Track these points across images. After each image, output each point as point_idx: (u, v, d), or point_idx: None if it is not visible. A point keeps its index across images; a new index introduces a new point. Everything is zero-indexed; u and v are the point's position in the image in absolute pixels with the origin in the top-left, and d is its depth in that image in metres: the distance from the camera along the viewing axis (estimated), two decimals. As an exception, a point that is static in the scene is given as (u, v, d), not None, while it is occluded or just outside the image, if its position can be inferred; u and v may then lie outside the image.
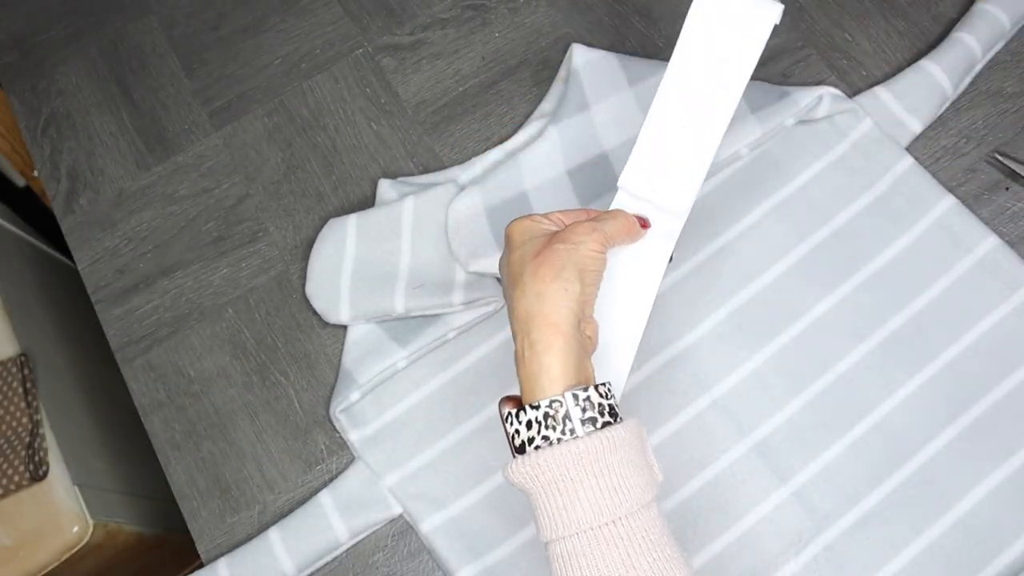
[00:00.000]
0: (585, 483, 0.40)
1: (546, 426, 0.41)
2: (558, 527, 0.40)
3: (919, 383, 0.56)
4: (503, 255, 0.48)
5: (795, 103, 0.61)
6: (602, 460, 0.40)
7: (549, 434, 0.41)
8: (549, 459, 0.40)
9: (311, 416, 0.61)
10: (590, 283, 0.44)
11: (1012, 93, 0.63)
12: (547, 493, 0.40)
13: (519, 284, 0.44)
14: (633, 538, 0.39)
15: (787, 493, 0.54)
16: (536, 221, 0.47)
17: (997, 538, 0.52)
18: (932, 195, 0.60)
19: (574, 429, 0.40)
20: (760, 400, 0.56)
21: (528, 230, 0.46)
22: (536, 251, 0.44)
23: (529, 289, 0.43)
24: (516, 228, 0.47)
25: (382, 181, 0.65)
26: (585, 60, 0.65)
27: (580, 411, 0.41)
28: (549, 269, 0.43)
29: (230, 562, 0.56)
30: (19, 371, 0.73)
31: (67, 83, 0.73)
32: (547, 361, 0.42)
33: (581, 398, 0.41)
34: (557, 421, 0.41)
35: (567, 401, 0.41)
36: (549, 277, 0.43)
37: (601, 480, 0.40)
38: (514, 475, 0.41)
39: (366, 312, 0.60)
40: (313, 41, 0.72)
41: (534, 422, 0.41)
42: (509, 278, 0.45)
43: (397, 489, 0.57)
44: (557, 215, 0.48)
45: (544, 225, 0.47)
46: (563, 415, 0.41)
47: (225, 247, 0.66)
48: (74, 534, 0.69)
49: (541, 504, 0.41)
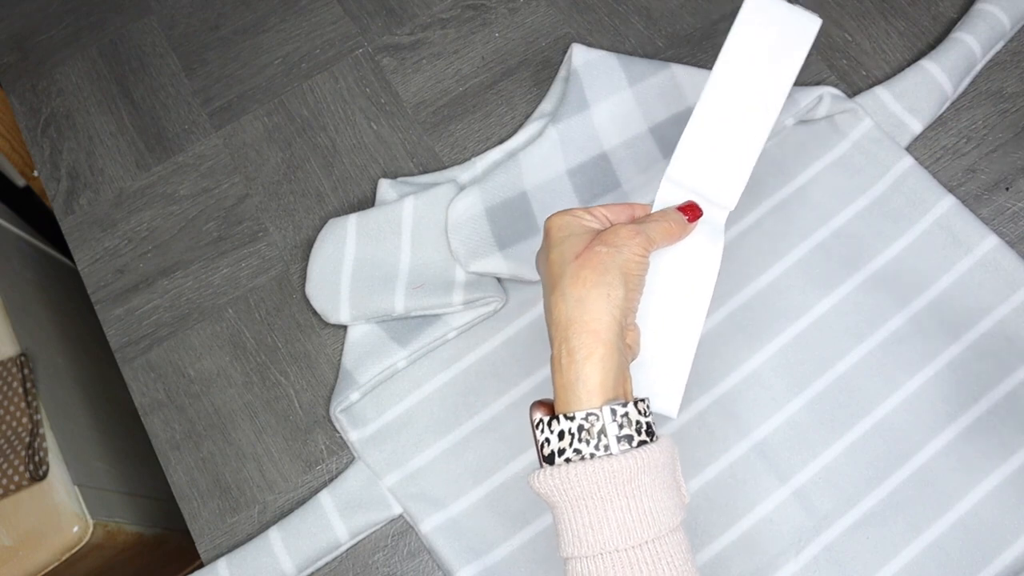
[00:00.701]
0: (615, 503, 0.38)
1: (579, 439, 0.39)
2: (581, 545, 0.39)
3: (919, 383, 0.56)
4: (540, 251, 0.46)
5: (795, 103, 0.61)
6: (635, 480, 0.39)
7: (582, 448, 0.39)
8: (580, 474, 0.38)
9: (311, 416, 0.61)
10: (633, 288, 0.42)
11: (1012, 93, 0.63)
12: (574, 509, 0.39)
13: (558, 287, 0.42)
14: (658, 563, 0.38)
15: (787, 493, 0.54)
16: (577, 216, 0.45)
17: (997, 538, 0.52)
18: (932, 195, 0.60)
19: (608, 445, 0.39)
20: (760, 400, 0.56)
21: (567, 226, 0.44)
22: (576, 251, 0.42)
23: (570, 293, 0.41)
24: (555, 223, 0.45)
25: (382, 181, 0.65)
26: (585, 60, 0.65)
27: (617, 427, 0.39)
28: (591, 273, 0.41)
29: (230, 562, 0.56)
30: (19, 371, 0.73)
31: (67, 83, 0.73)
32: (586, 371, 0.40)
33: (619, 414, 0.39)
34: (592, 435, 0.39)
35: (604, 416, 0.39)
36: (591, 282, 0.41)
37: (632, 501, 0.38)
38: (540, 485, 0.40)
39: (366, 312, 0.60)
40: (313, 41, 0.72)
41: (567, 433, 0.40)
42: (548, 278, 0.43)
43: (397, 489, 0.57)
44: (600, 210, 0.46)
45: (585, 221, 0.45)
46: (599, 430, 0.39)
47: (225, 247, 0.66)
48: (74, 534, 0.69)
49: (566, 519, 0.39)
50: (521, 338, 0.60)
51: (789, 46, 0.48)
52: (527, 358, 0.59)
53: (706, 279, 0.48)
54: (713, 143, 0.49)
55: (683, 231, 0.47)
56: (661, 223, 0.46)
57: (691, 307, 0.48)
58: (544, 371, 0.59)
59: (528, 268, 0.60)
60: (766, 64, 0.49)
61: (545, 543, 0.55)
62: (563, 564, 0.40)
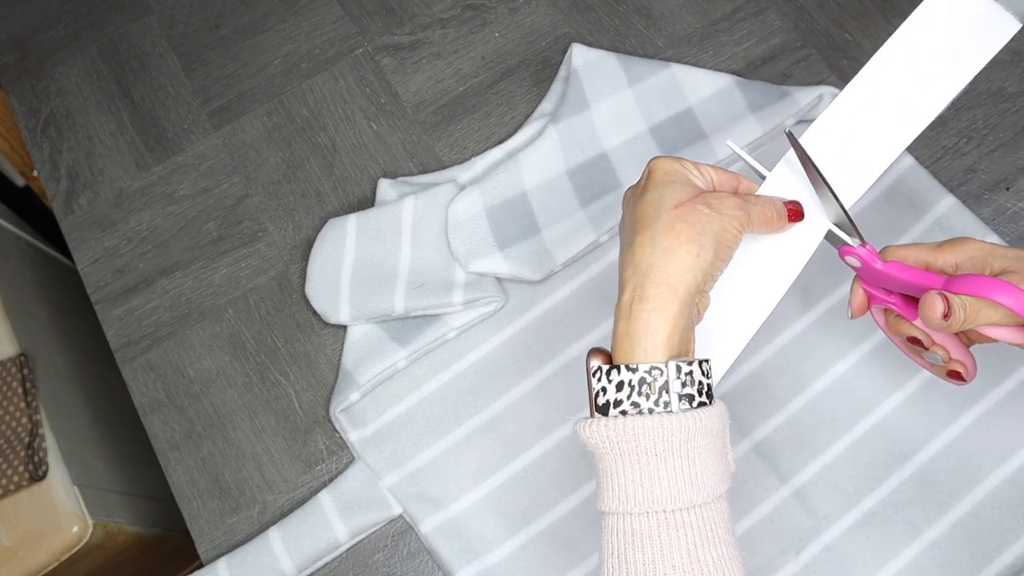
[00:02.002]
0: (669, 462, 0.37)
1: (639, 392, 0.38)
2: (628, 501, 0.37)
3: (919, 383, 0.56)
4: (634, 189, 0.44)
5: (795, 103, 0.61)
6: (691, 441, 0.37)
7: (641, 401, 0.38)
8: (638, 428, 0.37)
9: (311, 416, 0.61)
10: (721, 258, 0.41)
11: (1012, 93, 0.63)
12: (625, 463, 0.37)
13: (648, 229, 0.40)
14: (703, 528, 0.37)
15: (787, 493, 0.54)
16: (685, 167, 0.43)
17: (997, 538, 0.52)
18: (932, 195, 0.60)
19: (669, 402, 0.38)
20: (760, 400, 0.56)
21: (674, 172, 0.42)
22: (677, 201, 0.40)
23: (659, 240, 0.39)
24: (661, 166, 0.43)
25: (382, 181, 0.65)
26: (585, 60, 0.65)
27: (680, 385, 0.38)
28: (687, 228, 0.39)
29: (230, 562, 0.56)
30: (19, 371, 0.73)
31: (67, 83, 0.73)
32: (656, 323, 0.38)
33: (684, 371, 0.38)
34: (653, 390, 0.38)
35: (669, 371, 0.38)
36: (685, 236, 0.39)
37: (686, 462, 0.37)
38: (591, 435, 0.38)
39: (366, 312, 0.60)
40: (313, 41, 0.72)
41: (627, 385, 0.38)
42: (638, 218, 0.41)
43: (397, 489, 0.57)
44: (708, 169, 0.44)
45: (692, 175, 0.43)
46: (661, 385, 0.38)
47: (225, 247, 0.66)
48: (74, 534, 0.69)
49: (613, 472, 0.38)
50: (521, 338, 0.60)
51: (973, 44, 0.44)
52: (527, 358, 0.59)
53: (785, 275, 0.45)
54: (850, 134, 0.45)
55: (781, 225, 0.45)
56: (765, 209, 0.43)
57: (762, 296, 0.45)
58: (544, 370, 0.59)
59: (528, 268, 0.60)
60: (938, 59, 0.44)
61: (545, 543, 0.55)
62: (600, 518, 0.39)
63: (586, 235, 0.60)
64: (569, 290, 0.61)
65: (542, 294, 0.61)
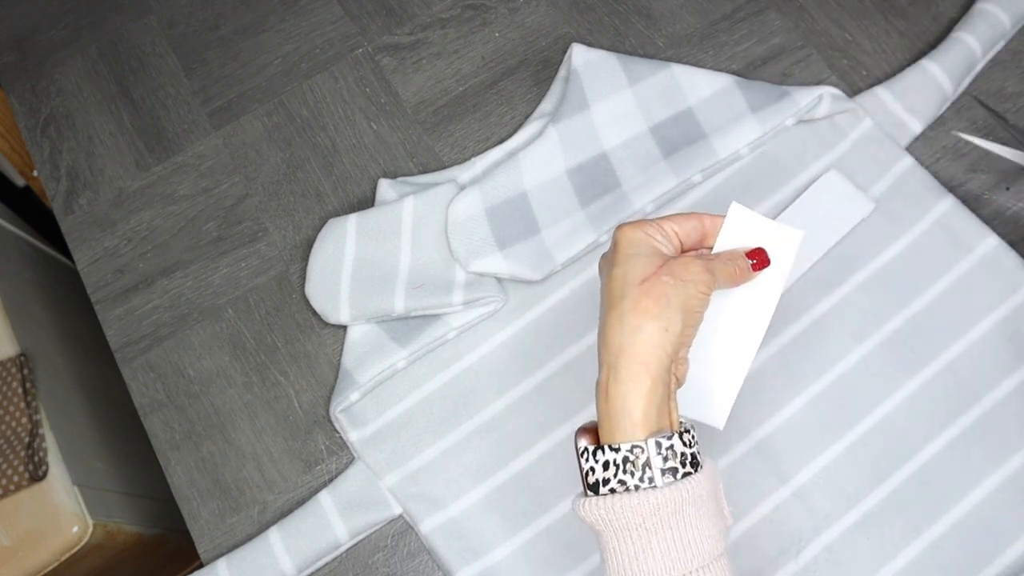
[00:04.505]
0: (660, 534, 0.39)
1: (624, 471, 0.39)
2: (626, 574, 0.39)
3: (919, 383, 0.56)
4: (606, 258, 0.45)
5: (795, 103, 0.61)
6: (680, 512, 0.39)
7: (626, 479, 0.39)
8: (625, 506, 0.39)
9: (311, 416, 0.61)
10: (691, 324, 0.42)
11: (1012, 93, 0.63)
12: (619, 538, 0.39)
13: (616, 308, 0.41)
14: None
15: (787, 493, 0.54)
16: (648, 235, 0.44)
17: (997, 538, 0.52)
18: (932, 195, 0.60)
19: (653, 478, 0.39)
20: (760, 400, 0.56)
21: (637, 243, 0.44)
22: (642, 275, 0.42)
23: (627, 320, 0.41)
24: (625, 238, 0.44)
25: (382, 181, 0.65)
26: (585, 60, 0.65)
27: (661, 460, 0.39)
28: (653, 304, 0.41)
29: (230, 562, 0.56)
30: (19, 371, 0.73)
31: (67, 83, 0.73)
32: (631, 402, 0.40)
33: (664, 446, 0.39)
34: (636, 468, 0.39)
35: (649, 449, 0.39)
36: (651, 313, 0.40)
37: (676, 532, 0.39)
38: (586, 513, 0.40)
39: (366, 312, 0.60)
40: (313, 41, 0.72)
41: (612, 464, 0.40)
42: (608, 294, 0.43)
43: (397, 489, 0.57)
44: (671, 227, 0.45)
45: (656, 241, 0.44)
46: (643, 462, 0.39)
47: (225, 247, 0.66)
48: (74, 534, 0.69)
49: (611, 548, 0.40)
50: (521, 338, 0.60)
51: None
52: (527, 358, 0.59)
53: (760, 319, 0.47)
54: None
55: (747, 278, 0.46)
56: (728, 266, 0.45)
57: (743, 341, 0.47)
58: (544, 370, 0.59)
59: (528, 268, 0.60)
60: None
61: (545, 543, 0.55)
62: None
63: (586, 235, 0.60)
64: (569, 290, 0.61)
65: (542, 294, 0.61)
